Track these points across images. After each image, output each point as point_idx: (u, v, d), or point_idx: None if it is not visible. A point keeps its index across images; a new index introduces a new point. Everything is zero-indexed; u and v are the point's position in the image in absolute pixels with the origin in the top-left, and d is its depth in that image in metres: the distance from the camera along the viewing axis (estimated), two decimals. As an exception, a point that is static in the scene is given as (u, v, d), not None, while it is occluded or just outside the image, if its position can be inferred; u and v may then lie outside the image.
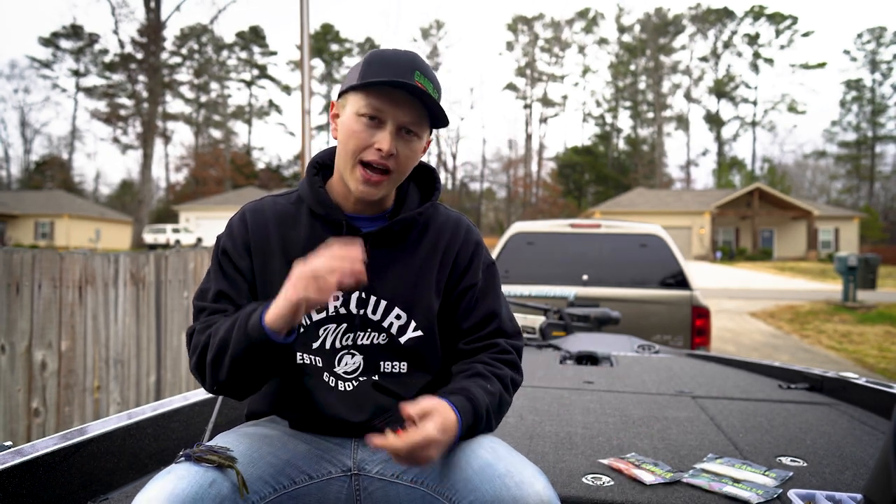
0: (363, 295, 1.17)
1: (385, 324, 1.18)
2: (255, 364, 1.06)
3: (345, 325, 1.17)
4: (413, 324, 1.18)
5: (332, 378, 1.17)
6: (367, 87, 1.11)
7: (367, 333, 1.18)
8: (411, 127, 1.13)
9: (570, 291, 4.90)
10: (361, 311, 1.17)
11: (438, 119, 1.16)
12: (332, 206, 1.19)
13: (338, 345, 1.18)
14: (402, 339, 1.18)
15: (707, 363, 3.18)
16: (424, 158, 1.29)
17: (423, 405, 0.99)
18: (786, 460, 1.57)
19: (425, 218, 1.24)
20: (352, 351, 1.18)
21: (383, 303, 1.18)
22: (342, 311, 1.17)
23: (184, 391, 4.50)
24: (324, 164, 1.26)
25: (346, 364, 1.18)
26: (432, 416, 0.98)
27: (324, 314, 1.17)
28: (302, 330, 1.17)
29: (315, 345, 1.18)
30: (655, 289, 4.91)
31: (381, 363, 1.18)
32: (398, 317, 1.18)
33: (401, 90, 1.10)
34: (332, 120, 1.21)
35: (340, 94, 1.19)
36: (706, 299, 4.97)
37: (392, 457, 0.97)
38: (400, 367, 1.19)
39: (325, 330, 1.18)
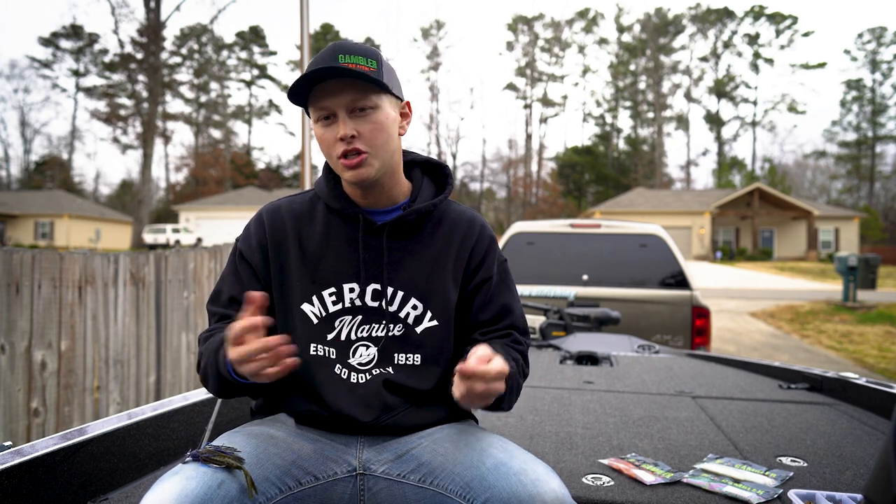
0: (379, 286, 1.20)
1: (402, 314, 1.20)
2: (239, 390, 1.13)
3: (360, 317, 1.19)
4: (429, 314, 1.21)
5: (344, 370, 1.18)
6: (305, 94, 1.15)
7: (383, 325, 1.19)
8: (357, 104, 1.15)
9: (570, 291, 4.90)
10: (378, 303, 1.19)
11: (382, 84, 1.15)
12: (347, 200, 1.23)
13: (353, 336, 1.19)
14: (419, 329, 1.20)
15: (707, 363, 3.18)
16: (423, 150, 1.30)
17: (483, 351, 1.03)
18: (786, 460, 1.57)
19: (440, 212, 1.27)
20: (366, 342, 1.19)
21: (400, 293, 1.20)
22: (358, 302, 1.20)
23: (184, 391, 4.50)
24: None
25: (360, 356, 1.19)
26: (494, 357, 1.02)
27: (340, 306, 1.20)
28: (317, 322, 1.19)
29: (330, 336, 1.19)
30: (655, 289, 4.91)
31: (396, 355, 1.20)
32: (414, 307, 1.20)
33: (332, 78, 1.13)
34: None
35: (308, 114, 1.22)
36: (706, 299, 4.97)
37: (463, 392, 1.00)
38: (414, 359, 1.20)
39: (340, 322, 1.20)
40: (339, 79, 1.13)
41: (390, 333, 1.20)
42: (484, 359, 1.00)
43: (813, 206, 36.36)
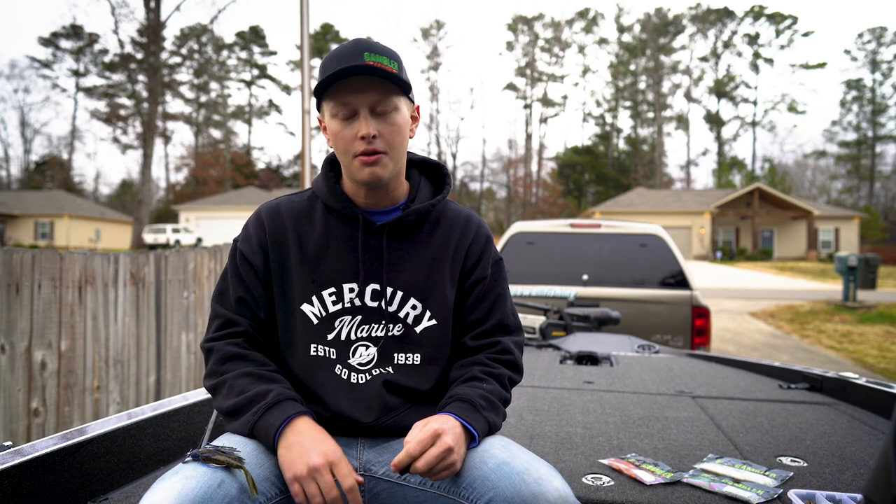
0: (379, 287, 1.19)
1: (401, 314, 1.20)
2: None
3: (360, 317, 1.19)
4: (428, 313, 1.21)
5: (344, 370, 1.18)
6: (328, 88, 1.13)
7: (383, 325, 1.19)
8: (381, 105, 1.14)
9: (570, 291, 4.90)
10: (377, 303, 1.19)
11: (403, 86, 1.15)
12: (347, 199, 1.22)
13: (353, 336, 1.19)
14: (418, 329, 1.20)
15: (707, 363, 3.18)
16: (426, 151, 1.30)
17: (423, 429, 1.02)
18: (786, 460, 1.57)
19: (437, 211, 1.27)
20: (366, 342, 1.19)
21: (399, 293, 1.20)
22: (358, 303, 1.19)
23: (184, 391, 4.50)
24: (337, 163, 1.28)
25: (360, 356, 1.19)
26: (436, 430, 1.01)
27: (340, 306, 1.19)
28: (317, 322, 1.19)
29: (330, 336, 1.19)
30: (655, 289, 4.91)
31: (395, 355, 1.20)
32: (414, 307, 1.20)
33: (357, 75, 1.11)
34: (323, 132, 1.23)
35: (318, 107, 1.21)
36: (706, 299, 4.97)
37: (420, 477, 1.01)
38: (413, 359, 1.20)
39: (340, 322, 1.19)
40: (366, 77, 1.12)
41: (390, 333, 1.20)
42: (420, 445, 1.00)
43: (813, 206, 36.36)
